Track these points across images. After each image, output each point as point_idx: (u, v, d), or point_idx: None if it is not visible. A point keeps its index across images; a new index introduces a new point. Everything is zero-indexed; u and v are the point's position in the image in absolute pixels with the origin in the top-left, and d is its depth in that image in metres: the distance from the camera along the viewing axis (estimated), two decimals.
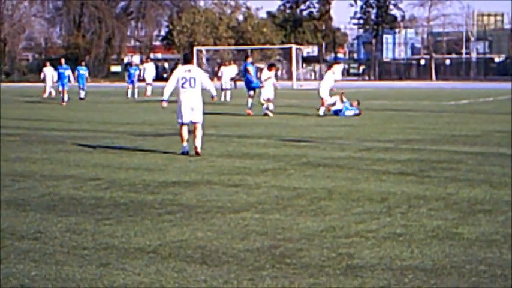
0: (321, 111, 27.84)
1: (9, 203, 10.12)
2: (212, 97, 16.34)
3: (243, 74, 29.58)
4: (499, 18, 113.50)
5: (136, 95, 43.63)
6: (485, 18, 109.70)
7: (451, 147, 17.07)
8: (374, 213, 9.41)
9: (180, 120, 15.62)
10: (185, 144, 15.58)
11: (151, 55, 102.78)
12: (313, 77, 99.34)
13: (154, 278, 6.63)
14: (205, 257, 7.29)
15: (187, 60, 16.27)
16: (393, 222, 8.88)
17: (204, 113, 15.95)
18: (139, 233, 8.33)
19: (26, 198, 10.50)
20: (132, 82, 44.67)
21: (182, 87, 15.46)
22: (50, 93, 43.58)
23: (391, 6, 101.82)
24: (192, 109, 15.50)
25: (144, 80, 45.80)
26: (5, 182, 11.90)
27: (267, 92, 28.33)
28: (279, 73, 67.20)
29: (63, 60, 40.79)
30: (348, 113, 27.94)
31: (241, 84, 31.60)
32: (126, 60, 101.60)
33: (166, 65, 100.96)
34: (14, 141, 18.66)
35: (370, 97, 45.07)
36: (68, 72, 39.22)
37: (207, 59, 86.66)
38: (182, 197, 10.58)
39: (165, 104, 16.16)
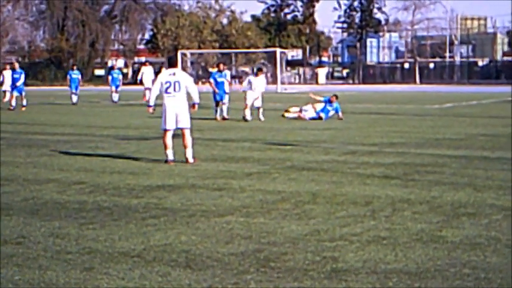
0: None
1: None
2: (193, 105, 15.22)
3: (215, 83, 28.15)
4: (482, 22, 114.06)
5: (117, 99, 42.75)
6: (468, 22, 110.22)
7: (435, 150, 17.13)
8: (358, 216, 9.43)
9: (163, 126, 14.95)
10: (168, 151, 14.84)
11: (136, 58, 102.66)
12: (297, 81, 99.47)
13: (138, 283, 6.61)
14: (190, 261, 7.28)
15: (172, 63, 15.71)
16: (377, 225, 8.90)
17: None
18: (123, 237, 8.30)
19: (9, 202, 10.45)
20: (117, 86, 43.36)
21: (166, 92, 14.78)
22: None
23: (375, 10, 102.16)
24: (177, 115, 14.82)
25: (141, 83, 44.16)
26: None
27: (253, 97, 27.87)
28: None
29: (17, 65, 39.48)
30: (331, 113, 27.86)
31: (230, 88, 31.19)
32: (110, 63, 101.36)
33: (151, 69, 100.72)
34: None
35: (355, 101, 45.16)
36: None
37: (192, 63, 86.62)
38: (166, 201, 10.56)
39: (151, 110, 15.76)
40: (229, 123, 25.96)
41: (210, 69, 45.97)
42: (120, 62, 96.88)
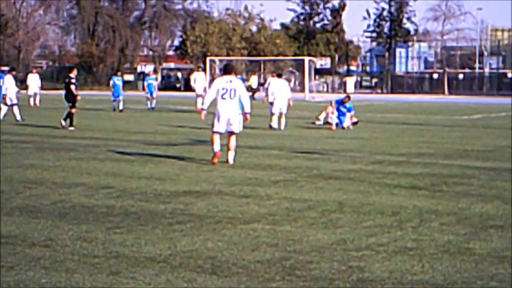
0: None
1: (21, 210, 10.15)
2: (245, 114, 16.02)
3: None
4: None
5: (153, 105, 41.59)
6: (499, 33, 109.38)
7: (463, 161, 17.03)
8: (385, 226, 9.39)
9: (214, 129, 15.70)
10: (215, 146, 15.62)
11: (164, 64, 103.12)
12: (325, 89, 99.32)
13: None
14: (216, 268, 7.29)
15: (229, 71, 16.10)
16: (404, 236, 8.85)
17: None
18: (149, 242, 8.33)
19: (37, 205, 10.53)
20: (151, 93, 41.79)
21: (222, 97, 15.51)
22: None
23: (405, 20, 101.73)
24: (228, 119, 15.56)
25: (193, 90, 41.31)
26: (17, 189, 11.94)
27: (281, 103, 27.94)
28: (291, 84, 67.30)
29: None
30: (347, 115, 27.74)
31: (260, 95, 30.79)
32: (139, 69, 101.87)
33: (179, 74, 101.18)
34: (26, 148, 18.73)
35: (383, 110, 45.02)
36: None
37: (220, 70, 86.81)
38: (193, 207, 10.58)
39: (204, 113, 16.00)
40: (256, 131, 25.95)
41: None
42: (149, 68, 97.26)
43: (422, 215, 10.16)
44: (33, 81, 45.95)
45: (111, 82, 40.84)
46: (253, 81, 65.22)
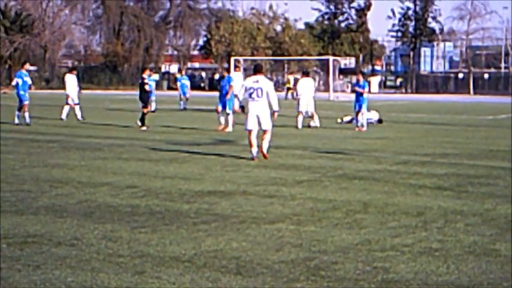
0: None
1: (47, 209, 10.23)
2: (273, 112, 16.71)
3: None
4: None
5: (186, 105, 41.26)
6: None
7: (489, 162, 16.92)
8: (410, 227, 9.36)
9: (246, 127, 16.65)
10: (253, 149, 16.43)
11: (189, 64, 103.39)
12: (349, 89, 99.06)
13: (188, 287, 6.65)
14: (240, 268, 7.30)
15: (257, 70, 16.78)
16: (429, 237, 8.82)
17: (240, 123, 16.01)
18: (174, 241, 8.36)
19: (63, 205, 10.60)
20: (185, 93, 41.43)
21: (250, 97, 16.42)
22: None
23: (430, 19, 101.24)
24: (258, 117, 16.39)
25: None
26: (43, 188, 12.04)
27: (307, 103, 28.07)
28: (315, 84, 67.23)
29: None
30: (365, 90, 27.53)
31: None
32: (163, 68, 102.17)
33: (203, 74, 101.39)
34: (52, 147, 18.86)
35: (407, 110, 44.82)
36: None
37: (245, 69, 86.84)
38: (217, 207, 10.61)
39: (239, 111, 17.13)
40: (280, 130, 25.93)
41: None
42: (173, 68, 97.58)
43: (447, 216, 10.11)
44: (71, 81, 45.05)
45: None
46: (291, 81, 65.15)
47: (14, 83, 28.09)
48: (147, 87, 26.28)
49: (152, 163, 15.74)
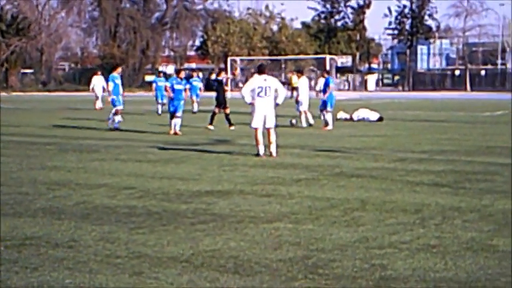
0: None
1: (45, 211, 10.22)
2: (276, 104, 17.13)
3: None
4: None
5: (196, 109, 38.74)
6: None
7: (486, 158, 16.93)
8: (408, 224, 9.36)
9: (253, 125, 17.05)
10: (260, 147, 16.94)
11: (186, 65, 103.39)
12: (346, 87, 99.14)
13: (186, 287, 6.65)
14: (238, 267, 7.30)
15: (262, 70, 17.27)
16: (427, 233, 8.82)
17: (240, 123, 16.02)
18: (172, 242, 8.35)
19: (61, 207, 10.59)
20: (197, 95, 39.07)
21: (258, 95, 16.83)
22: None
23: (426, 17, 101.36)
24: (265, 116, 16.87)
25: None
26: (41, 190, 12.02)
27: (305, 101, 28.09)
28: (312, 83, 67.06)
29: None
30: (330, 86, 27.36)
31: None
32: (160, 69, 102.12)
33: (200, 74, 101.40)
34: (49, 149, 18.85)
35: (404, 107, 44.85)
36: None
37: (241, 69, 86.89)
38: (215, 207, 10.60)
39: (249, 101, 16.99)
40: (278, 129, 25.91)
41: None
42: (170, 68, 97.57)
43: (445, 212, 10.11)
44: (98, 83, 43.18)
45: (154, 85, 38.44)
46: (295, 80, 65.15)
47: (110, 87, 26.82)
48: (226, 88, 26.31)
49: (149, 164, 15.73)
